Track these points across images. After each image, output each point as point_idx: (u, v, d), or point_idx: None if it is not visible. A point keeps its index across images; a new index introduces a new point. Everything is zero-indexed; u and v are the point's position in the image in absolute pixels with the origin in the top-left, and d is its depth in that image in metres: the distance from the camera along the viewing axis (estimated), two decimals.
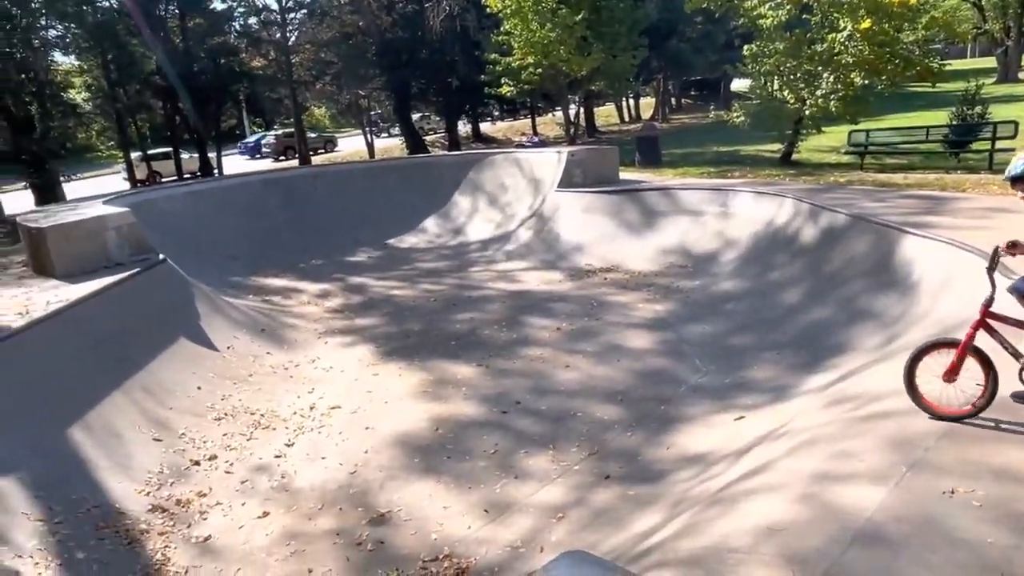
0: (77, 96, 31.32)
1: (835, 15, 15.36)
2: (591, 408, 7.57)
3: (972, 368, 4.45)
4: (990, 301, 4.44)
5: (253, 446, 7.44)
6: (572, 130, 25.44)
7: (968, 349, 4.44)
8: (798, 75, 16.74)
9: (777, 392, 7.13)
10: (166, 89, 28.59)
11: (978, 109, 16.65)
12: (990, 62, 43.42)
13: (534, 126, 41.67)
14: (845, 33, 14.70)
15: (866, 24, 14.10)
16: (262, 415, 8.10)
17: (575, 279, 12.58)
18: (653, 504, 5.51)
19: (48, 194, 22.01)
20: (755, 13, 16.65)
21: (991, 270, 4.53)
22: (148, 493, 6.49)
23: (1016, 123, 14.83)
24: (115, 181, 31.15)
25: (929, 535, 3.34)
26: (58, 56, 29.04)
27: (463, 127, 40.22)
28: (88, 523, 5.91)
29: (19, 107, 22.43)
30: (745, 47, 17.84)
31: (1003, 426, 4.27)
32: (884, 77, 15.65)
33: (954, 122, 16.71)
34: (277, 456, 7.19)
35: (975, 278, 6.79)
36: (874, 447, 4.29)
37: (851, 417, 4.98)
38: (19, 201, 23.21)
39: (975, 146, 15.78)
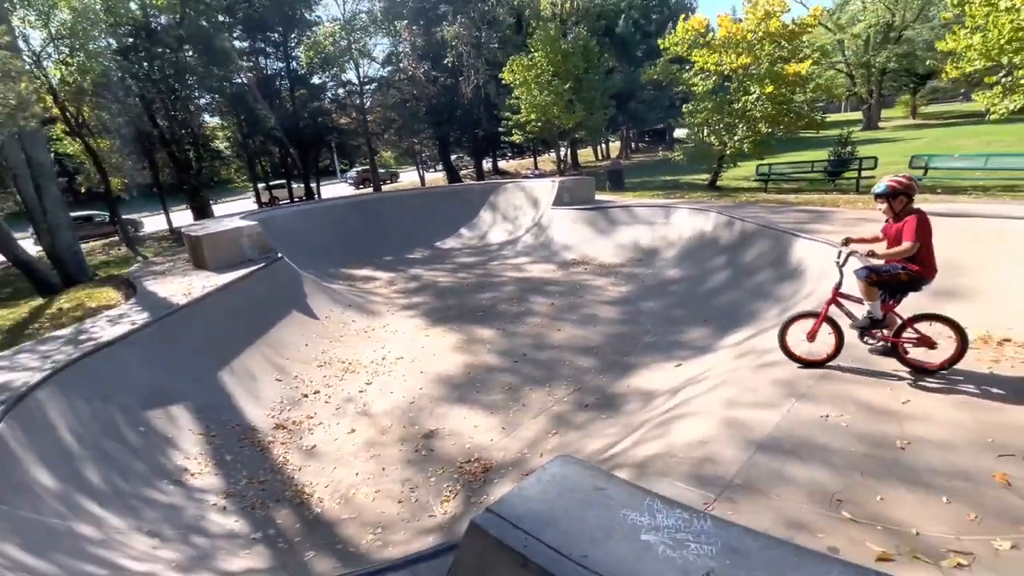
0: (220, 145, 31.37)
1: (747, 83, 15.00)
2: (575, 359, 7.55)
3: (826, 330, 4.50)
4: (839, 285, 4.47)
5: (344, 384, 7.51)
6: (562, 166, 25.12)
7: (824, 319, 4.46)
8: (721, 125, 16.40)
9: (704, 347, 7.07)
10: (280, 139, 28.58)
11: (848, 148, 16.24)
12: (857, 115, 42.37)
13: (535, 163, 41.22)
14: (755, 95, 14.36)
15: (769, 89, 13.77)
16: (349, 363, 8.16)
17: (564, 269, 12.50)
18: (616, 424, 5.50)
19: (202, 213, 22.13)
20: (691, 83, 16.31)
21: (839, 263, 4.49)
22: (273, 416, 6.59)
23: (876, 158, 14.51)
24: (247, 204, 31.25)
25: (810, 446, 3.32)
26: (207, 117, 29.10)
27: (486, 164, 39.86)
28: (233, 437, 6.01)
29: (181, 153, 22.51)
30: (684, 106, 17.50)
31: (862, 372, 4.22)
32: (782, 127, 15.28)
33: (832, 158, 16.32)
34: (360, 391, 7.25)
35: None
36: (771, 386, 4.25)
37: (754, 365, 4.94)
38: (183, 218, 23.40)
39: (846, 175, 15.42)
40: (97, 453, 4.70)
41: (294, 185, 32.12)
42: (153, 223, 24.50)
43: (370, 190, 32.63)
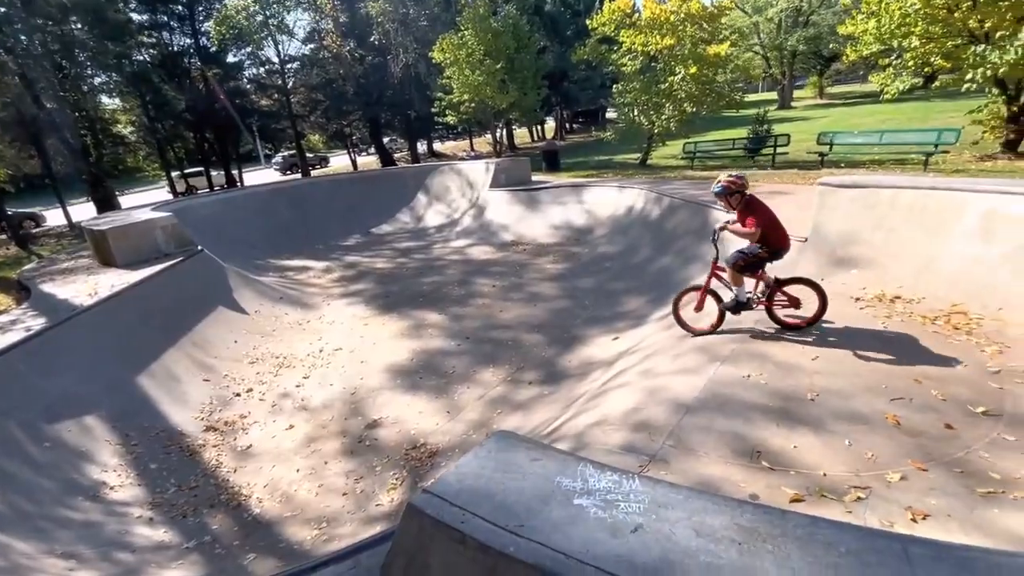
0: (123, 129, 28.43)
1: (672, 63, 15.49)
2: (520, 337, 7.64)
3: (711, 302, 5.00)
4: (716, 259, 4.91)
5: (279, 380, 7.18)
6: (498, 147, 24.97)
7: (707, 291, 4.95)
8: (649, 105, 16.90)
9: (640, 319, 7.38)
10: (194, 123, 26.38)
11: (765, 127, 17.25)
12: (772, 95, 45.05)
13: (471, 144, 40.73)
14: (679, 76, 14.87)
15: (693, 70, 14.31)
16: (284, 358, 7.81)
17: (504, 250, 12.53)
18: (557, 400, 5.65)
19: (106, 205, 20.10)
20: (619, 63, 16.62)
21: (714, 240, 4.90)
22: (202, 419, 6.21)
23: (789, 135, 15.50)
24: (160, 194, 28.70)
25: (733, 404, 3.56)
26: (105, 98, 26.24)
27: (421, 146, 38.87)
28: (157, 443, 5.63)
29: (76, 139, 20.20)
30: (614, 87, 17.84)
31: (782, 336, 4.55)
32: (705, 106, 15.97)
33: (750, 135, 17.29)
34: (297, 386, 6.98)
35: None
36: (696, 352, 4.50)
37: (681, 334, 5.20)
38: (84, 211, 21.17)
39: (763, 151, 16.41)
40: None
41: (213, 173, 29.86)
42: (51, 218, 21.95)
43: (298, 176, 30.98)
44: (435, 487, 1.63)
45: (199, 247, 9.85)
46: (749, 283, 4.75)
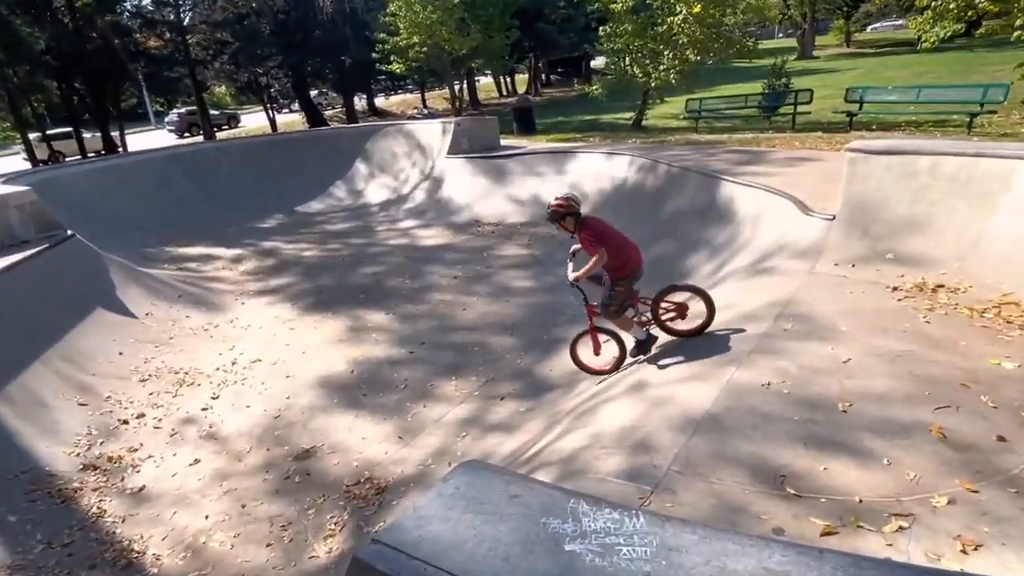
0: None
1: (672, 1, 15.66)
2: (488, 341, 7.64)
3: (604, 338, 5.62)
4: (585, 300, 5.55)
5: (179, 402, 6.96)
6: (458, 103, 24.79)
7: (595, 331, 5.56)
8: (644, 53, 17.06)
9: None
10: (59, 69, 25.16)
11: (783, 80, 17.70)
12: (790, 43, 46.23)
13: (423, 100, 40.35)
14: (681, 16, 15.06)
15: (697, 9, 14.51)
16: (186, 373, 7.57)
17: (465, 232, 12.48)
18: (538, 417, 5.68)
19: None
20: None
21: (574, 285, 5.37)
22: (78, 454, 5.97)
23: (811, 91, 15.95)
24: (15, 162, 27.31)
25: (752, 419, 3.64)
26: None
27: (359, 102, 38.25)
28: (17, 488, 5.37)
29: None
30: (601, 28, 17.91)
31: (808, 334, 4.67)
32: (712, 54, 16.25)
33: (766, 91, 17.70)
34: (204, 409, 6.78)
35: (780, 215, 7.40)
36: (707, 355, 4.59)
37: None
38: None
39: (782, 110, 16.84)
40: None
41: (86, 135, 28.61)
42: None
43: (200, 139, 30.03)
44: (387, 535, 1.60)
45: (68, 232, 9.40)
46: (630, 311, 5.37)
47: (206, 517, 5.09)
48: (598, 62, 52.23)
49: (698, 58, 16.04)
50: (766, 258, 6.79)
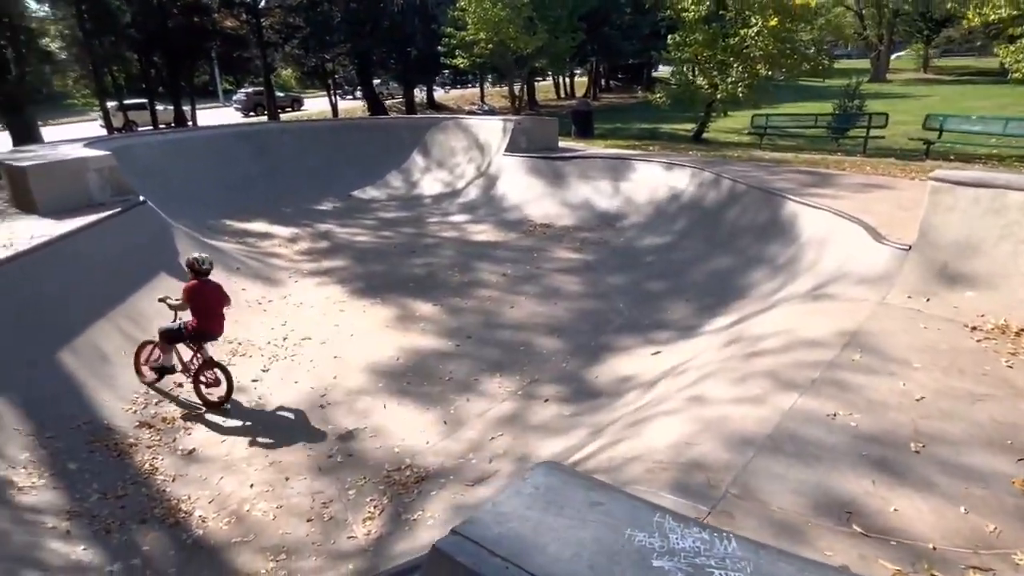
0: (51, 44, 28.33)
1: (747, 13, 15.32)
2: (534, 341, 7.60)
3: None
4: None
5: (232, 370, 7.14)
6: (517, 102, 24.84)
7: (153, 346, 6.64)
8: (712, 64, 16.74)
9: (686, 331, 7.31)
10: (141, 42, 26.26)
11: (856, 102, 17.09)
12: (863, 64, 44.66)
13: (482, 96, 40.58)
14: (755, 29, 14.70)
15: (773, 22, 14.15)
16: (239, 344, 7.79)
17: (516, 231, 12.45)
18: (583, 422, 5.61)
19: (25, 136, 20.06)
20: (680, 6, 16.44)
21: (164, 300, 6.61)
22: (135, 411, 6.21)
23: (887, 115, 15.34)
24: (92, 128, 28.68)
25: (816, 449, 3.50)
26: (32, 2, 26.19)
27: (419, 94, 38.71)
28: (79, 438, 5.62)
29: None
30: (669, 37, 17.65)
31: (876, 368, 4.46)
32: (784, 70, 15.82)
33: (837, 111, 17.12)
34: (254, 380, 6.96)
35: (849, 240, 7.13)
36: (767, 378, 4.43)
37: (745, 353, 5.13)
38: None
39: (852, 133, 16.26)
40: None
41: (159, 107, 29.80)
42: None
43: (264, 119, 30.92)
44: (469, 528, 1.57)
45: (141, 198, 9.79)
46: (185, 353, 6.49)
47: (251, 486, 5.21)
48: (660, 71, 51.60)
49: (769, 73, 15.65)
50: (830, 283, 6.55)
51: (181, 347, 6.48)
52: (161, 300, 6.56)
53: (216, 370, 6.33)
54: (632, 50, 39.95)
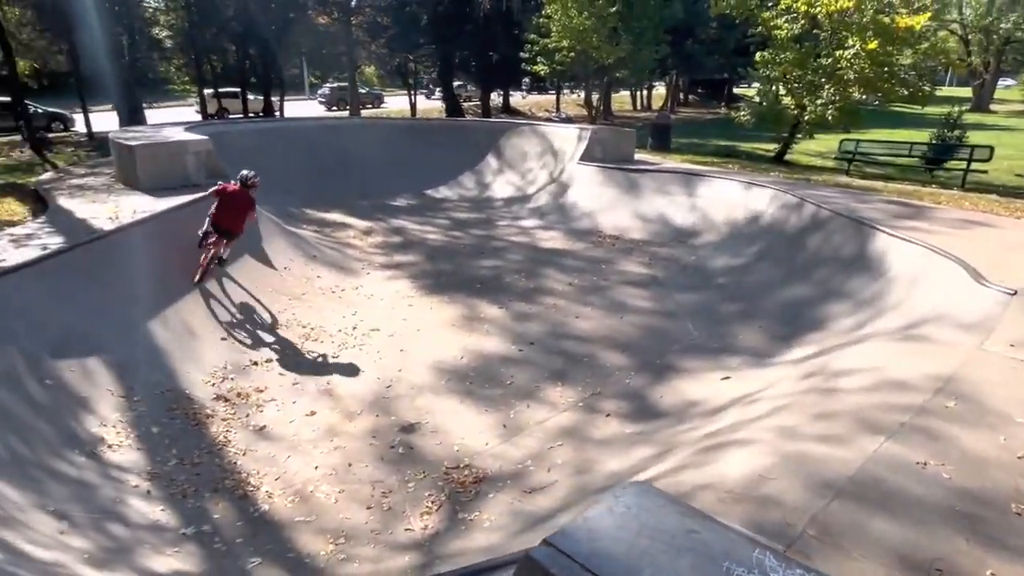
0: (160, 33, 30.45)
1: (844, 34, 14.68)
2: (598, 354, 7.52)
3: None
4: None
5: (304, 355, 7.45)
6: (593, 111, 24.73)
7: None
8: (802, 84, 16.14)
9: (759, 358, 7.06)
10: (240, 35, 27.77)
11: (956, 132, 16.09)
12: (964, 92, 42.00)
13: (558, 103, 40.61)
14: (851, 51, 14.07)
15: (872, 45, 13.50)
16: (312, 329, 8.09)
17: (585, 241, 12.39)
18: (646, 442, 5.50)
19: (132, 117, 21.57)
20: (772, 24, 15.95)
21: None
22: (213, 384, 6.54)
23: (991, 148, 14.38)
24: (188, 113, 30.56)
25: (903, 499, 3.30)
26: None
27: (495, 97, 39.16)
28: (162, 404, 5.96)
29: (110, 36, 21.81)
30: (758, 54, 17.14)
31: (970, 422, 4.17)
32: (880, 94, 15.06)
33: (934, 141, 16.17)
34: (324, 365, 7.20)
35: (944, 280, 6.71)
36: (850, 418, 4.21)
37: (826, 388, 4.90)
38: (104, 121, 22.87)
39: (949, 165, 15.32)
40: None
41: (250, 96, 31.43)
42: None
43: (346, 113, 32.04)
44: (561, 540, 1.57)
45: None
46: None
47: (315, 467, 5.39)
48: (744, 89, 50.23)
49: (863, 96, 14.95)
50: (922, 324, 6.16)
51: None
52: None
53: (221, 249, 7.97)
54: (714, 65, 39.16)
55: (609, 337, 8.06)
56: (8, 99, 22.13)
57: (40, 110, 23.01)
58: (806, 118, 16.03)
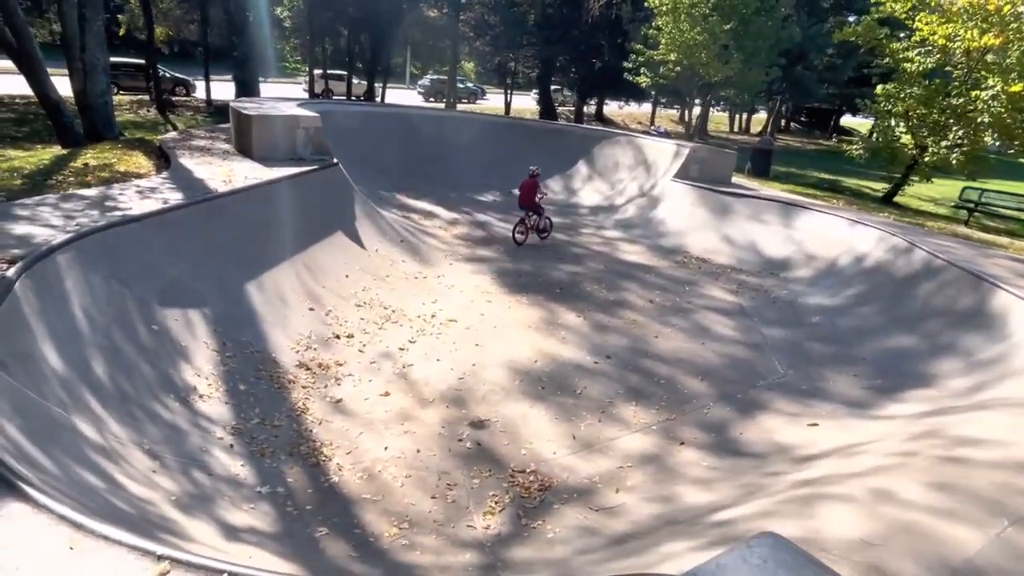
0: (282, 13, 32.22)
1: (983, 73, 13.56)
2: (676, 378, 7.25)
3: None
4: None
5: (383, 335, 7.58)
6: (690, 129, 24.09)
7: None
8: (925, 123, 15.05)
9: (854, 408, 6.56)
10: (354, 20, 28.90)
11: None
12: None
13: (652, 117, 39.92)
14: (991, 92, 12.97)
15: (1017, 87, 12.37)
16: (392, 311, 8.23)
17: (671, 260, 12.03)
18: (725, 480, 5.21)
19: (248, 89, 22.82)
20: (902, 56, 14.94)
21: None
22: (298, 352, 6.73)
23: None
24: (296, 91, 32.11)
25: None
26: None
27: (589, 106, 38.93)
28: (250, 363, 6.18)
29: (240, 13, 23.22)
30: (880, 86, 16.11)
31: None
32: (1018, 142, 13.80)
33: None
34: (401, 348, 7.30)
35: None
36: (969, 492, 3.81)
37: (941, 455, 4.47)
38: (222, 90, 24.36)
39: None
40: (106, 343, 4.91)
41: (354, 80, 32.68)
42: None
43: (442, 106, 32.73)
44: None
45: (334, 159, 10.70)
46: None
47: (385, 448, 5.44)
48: (854, 121, 47.63)
49: (996, 143, 13.76)
50: None
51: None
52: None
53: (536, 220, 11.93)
54: (823, 94, 37.32)
55: (689, 362, 7.75)
56: (142, 61, 24.06)
57: (168, 74, 24.80)
58: (926, 159, 14.93)
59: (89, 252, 5.40)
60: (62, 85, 12.05)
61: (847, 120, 48.81)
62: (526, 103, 40.82)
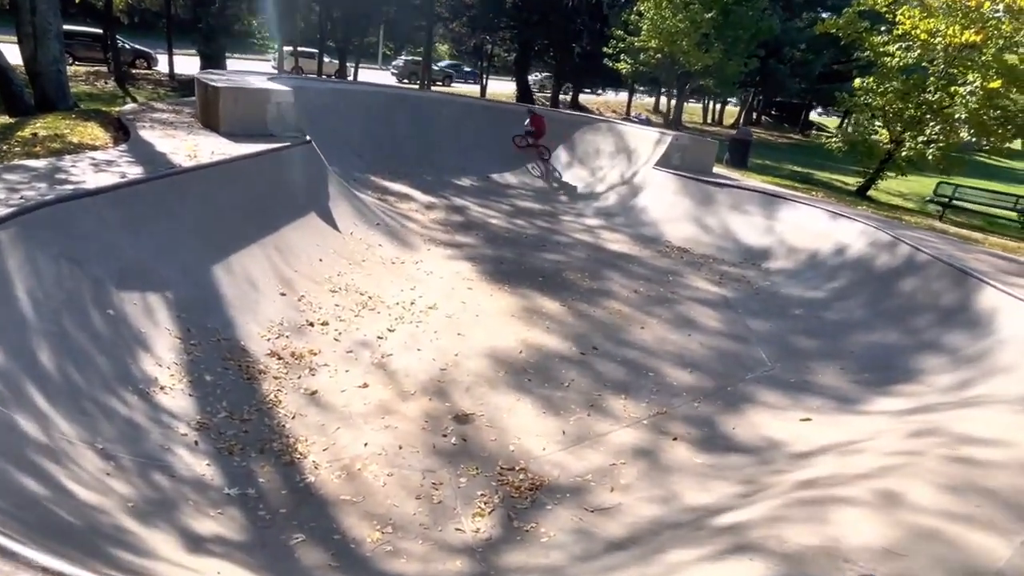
0: None
1: (960, 70, 13.65)
2: (663, 370, 7.03)
3: None
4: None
5: (359, 323, 7.18)
6: (667, 118, 23.95)
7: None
8: (902, 118, 15.14)
9: (843, 403, 6.44)
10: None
11: None
12: None
13: (629, 106, 39.76)
14: (969, 88, 13.05)
15: (995, 84, 12.46)
16: (369, 297, 7.82)
17: (651, 249, 11.84)
18: (722, 477, 5.00)
19: (214, 64, 21.81)
20: (882, 50, 14.96)
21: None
22: (268, 340, 6.31)
23: None
24: (264, 67, 30.90)
25: None
26: None
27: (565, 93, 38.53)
28: (217, 352, 5.75)
29: None
30: (858, 80, 16.14)
31: None
32: (993, 139, 13.96)
33: None
34: (379, 337, 6.92)
35: None
36: (989, 497, 3.65)
37: (952, 456, 4.32)
38: (186, 64, 23.24)
39: None
40: (54, 329, 4.43)
41: (325, 59, 31.64)
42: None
43: (416, 87, 31.97)
44: None
45: (307, 137, 10.15)
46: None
47: (365, 444, 5.08)
48: (821, 117, 48.30)
49: (972, 139, 13.91)
50: None
51: None
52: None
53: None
54: (795, 89, 37.69)
55: (676, 354, 7.55)
56: (100, 31, 22.76)
57: (128, 46, 23.53)
58: (903, 154, 15.04)
59: (36, 228, 4.89)
60: (11, 52, 11.18)
61: (815, 116, 49.56)
62: (500, 88, 40.24)
